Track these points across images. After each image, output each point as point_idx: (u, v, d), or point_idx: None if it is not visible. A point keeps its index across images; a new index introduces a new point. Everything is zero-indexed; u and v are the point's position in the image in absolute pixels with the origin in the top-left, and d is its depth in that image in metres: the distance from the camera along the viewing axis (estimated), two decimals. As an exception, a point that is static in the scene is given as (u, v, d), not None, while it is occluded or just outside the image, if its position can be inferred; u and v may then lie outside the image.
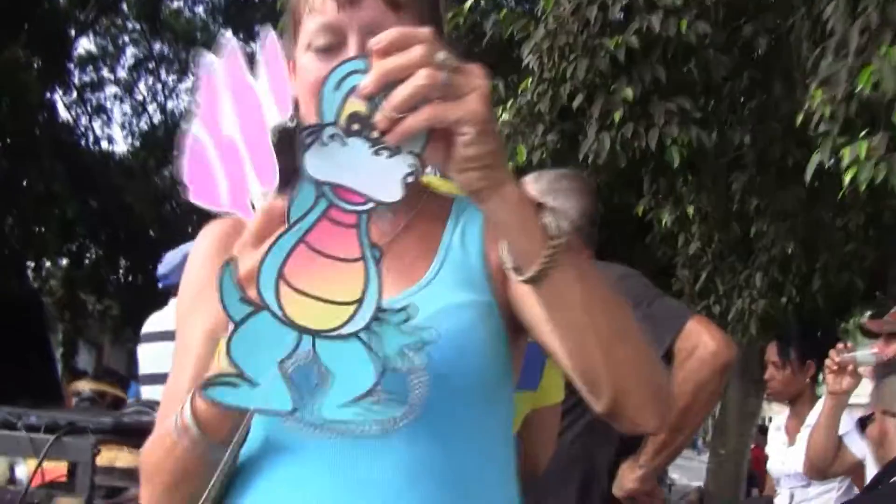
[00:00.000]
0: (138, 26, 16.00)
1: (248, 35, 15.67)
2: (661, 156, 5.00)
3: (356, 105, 0.76)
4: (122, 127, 16.25)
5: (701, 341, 2.20)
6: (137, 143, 16.41)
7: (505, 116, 5.32)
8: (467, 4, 6.04)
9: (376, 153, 0.75)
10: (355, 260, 0.75)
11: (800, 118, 4.40)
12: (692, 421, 2.37)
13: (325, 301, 0.74)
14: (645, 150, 4.95)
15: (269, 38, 0.86)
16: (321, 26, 1.04)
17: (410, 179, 0.76)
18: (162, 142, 15.85)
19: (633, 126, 4.90)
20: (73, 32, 15.05)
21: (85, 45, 15.87)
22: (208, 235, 1.19)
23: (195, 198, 0.89)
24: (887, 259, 6.79)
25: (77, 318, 16.06)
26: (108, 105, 16.29)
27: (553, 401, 2.06)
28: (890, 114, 3.96)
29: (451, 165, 0.83)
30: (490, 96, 0.82)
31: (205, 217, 1.05)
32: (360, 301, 0.75)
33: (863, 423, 2.85)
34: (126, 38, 16.46)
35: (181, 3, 16.02)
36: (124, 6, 15.29)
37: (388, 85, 0.76)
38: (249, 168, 0.85)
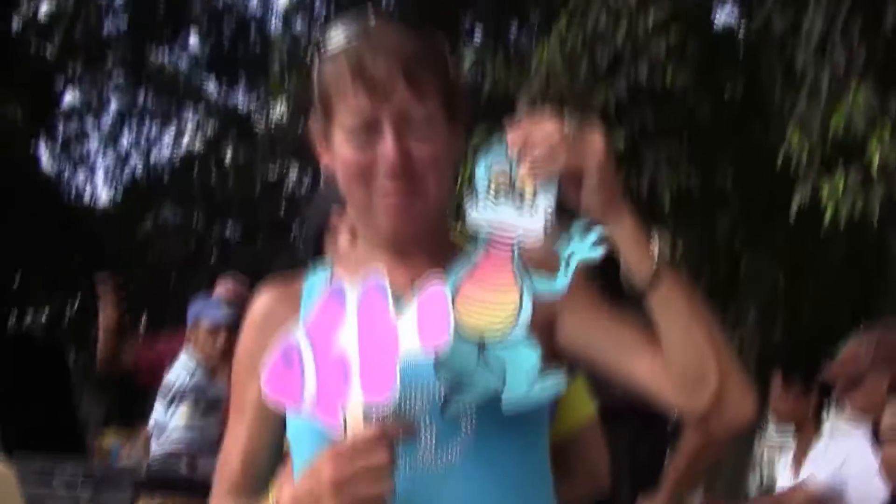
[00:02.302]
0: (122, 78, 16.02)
1: (231, 83, 15.73)
2: (652, 201, 5.17)
3: (499, 178, 1.08)
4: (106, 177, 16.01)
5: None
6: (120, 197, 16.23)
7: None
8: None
9: (520, 205, 1.08)
10: (511, 284, 1.07)
11: (780, 160, 4.61)
12: (709, 458, 2.52)
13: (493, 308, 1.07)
14: (636, 196, 5.10)
15: (435, 292, 1.06)
16: (357, 116, 1.16)
17: (550, 211, 1.08)
18: (145, 192, 15.71)
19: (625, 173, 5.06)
20: (60, 85, 15.06)
21: (69, 98, 15.84)
22: (261, 304, 1.28)
23: (271, 392, 1.05)
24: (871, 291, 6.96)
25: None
26: (91, 158, 16.12)
27: (586, 413, 2.04)
28: (862, 153, 4.18)
29: (581, 199, 1.11)
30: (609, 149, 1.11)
31: (181, 270, 1.18)
32: (518, 309, 1.07)
33: None
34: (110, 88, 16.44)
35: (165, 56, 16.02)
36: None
37: (527, 150, 1.08)
38: (357, 381, 1.02)
